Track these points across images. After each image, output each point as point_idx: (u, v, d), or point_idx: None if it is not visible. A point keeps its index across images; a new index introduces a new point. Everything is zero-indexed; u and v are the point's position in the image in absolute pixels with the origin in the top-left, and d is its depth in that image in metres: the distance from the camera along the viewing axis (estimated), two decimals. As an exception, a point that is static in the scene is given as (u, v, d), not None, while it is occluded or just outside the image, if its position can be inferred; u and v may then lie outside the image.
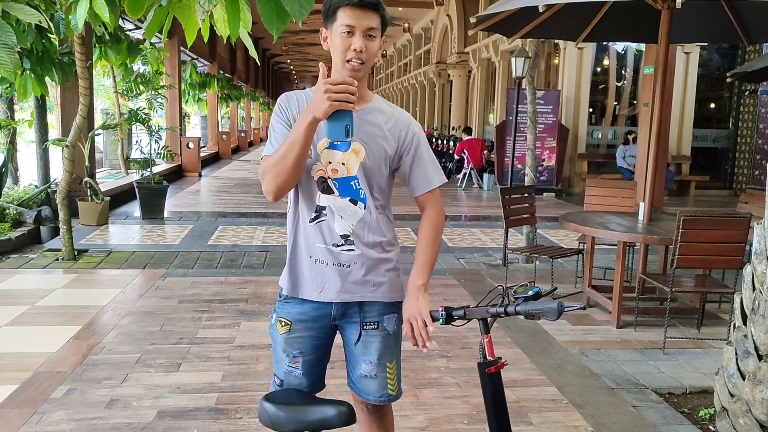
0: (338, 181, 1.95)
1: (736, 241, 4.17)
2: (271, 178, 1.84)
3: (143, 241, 7.52)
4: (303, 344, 2.04)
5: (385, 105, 2.05)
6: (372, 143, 1.96)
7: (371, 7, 1.84)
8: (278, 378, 2.10)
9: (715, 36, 6.17)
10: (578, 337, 4.62)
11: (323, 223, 1.97)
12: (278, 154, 1.83)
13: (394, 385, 2.10)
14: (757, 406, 3.05)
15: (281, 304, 2.06)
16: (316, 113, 1.73)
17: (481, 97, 19.29)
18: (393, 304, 2.08)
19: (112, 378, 3.63)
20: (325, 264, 1.98)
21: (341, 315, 2.04)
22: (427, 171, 2.06)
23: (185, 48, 14.82)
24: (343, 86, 1.70)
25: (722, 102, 15.02)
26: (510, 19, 5.46)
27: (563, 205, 11.67)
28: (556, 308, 1.72)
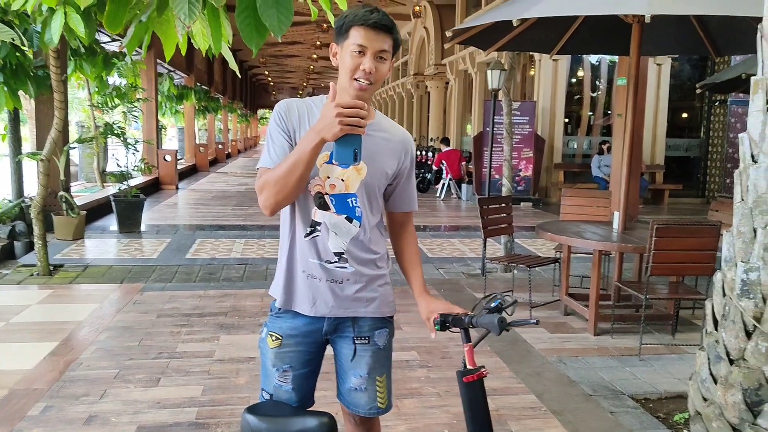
0: (335, 197, 1.94)
1: (707, 249, 4.27)
2: (271, 194, 1.83)
3: (120, 255, 7.46)
4: (293, 359, 2.03)
5: (385, 121, 2.05)
6: (374, 161, 1.95)
7: (385, 30, 1.83)
8: (267, 392, 2.08)
9: (685, 48, 6.33)
10: (556, 345, 4.68)
11: (317, 239, 1.96)
12: (281, 171, 1.80)
13: (384, 397, 2.10)
14: (729, 410, 3.12)
15: (273, 318, 2.06)
16: (325, 135, 1.71)
17: (458, 108, 19.46)
18: (384, 319, 2.09)
19: (90, 394, 3.60)
20: (318, 279, 1.98)
21: (333, 330, 2.04)
22: (413, 191, 2.14)
23: (162, 60, 14.79)
24: (354, 110, 1.69)
25: (693, 112, 15.32)
26: (485, 32, 5.55)
27: (540, 215, 11.80)
28: (496, 323, 1.75)
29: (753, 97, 3.16)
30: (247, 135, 45.66)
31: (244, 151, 39.07)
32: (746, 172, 3.19)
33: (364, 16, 1.82)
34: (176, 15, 2.21)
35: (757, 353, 3.03)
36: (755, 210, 3.10)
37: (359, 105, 1.70)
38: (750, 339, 3.08)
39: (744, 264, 3.11)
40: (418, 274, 2.14)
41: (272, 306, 2.07)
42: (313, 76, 44.32)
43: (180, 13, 2.19)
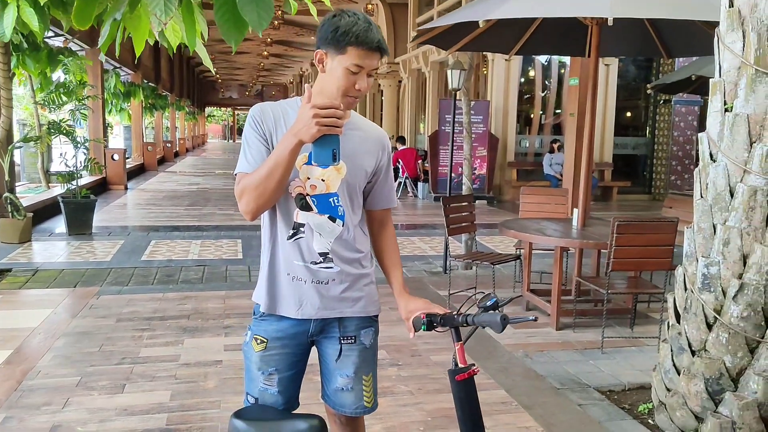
0: (317, 197, 1.94)
1: (665, 244, 4.41)
2: (251, 199, 1.82)
3: (72, 258, 7.21)
4: (279, 361, 2.01)
5: (361, 120, 2.06)
6: (353, 159, 1.96)
7: (381, 51, 1.84)
8: (251, 396, 2.06)
9: (638, 50, 6.52)
10: (521, 340, 4.76)
11: (301, 241, 1.95)
12: (260, 176, 1.79)
13: (370, 397, 2.11)
14: (692, 399, 3.24)
15: (257, 322, 2.03)
16: (302, 137, 1.71)
17: (411, 107, 19.56)
18: (370, 318, 2.10)
19: (51, 403, 3.47)
20: (303, 281, 1.96)
21: (319, 331, 2.04)
22: (392, 187, 2.15)
23: (109, 57, 14.36)
24: (330, 111, 1.69)
25: (639, 111, 15.80)
26: (447, 33, 5.60)
27: (495, 212, 11.97)
28: (498, 321, 1.75)
29: (711, 99, 3.28)
30: (195, 133, 44.84)
31: (192, 150, 38.33)
32: (705, 171, 3.31)
33: (366, 38, 1.79)
34: (152, 11, 2.15)
35: (718, 344, 3.16)
36: (714, 207, 3.22)
37: (335, 105, 1.71)
38: (711, 331, 3.21)
39: (705, 259, 3.23)
40: (398, 274, 2.15)
41: (255, 309, 2.05)
42: (263, 73, 43.87)
43: (156, 10, 2.14)
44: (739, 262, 3.09)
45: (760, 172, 3.01)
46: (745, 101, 3.06)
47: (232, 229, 9.41)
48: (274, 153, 1.78)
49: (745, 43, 3.06)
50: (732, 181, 3.13)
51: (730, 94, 3.17)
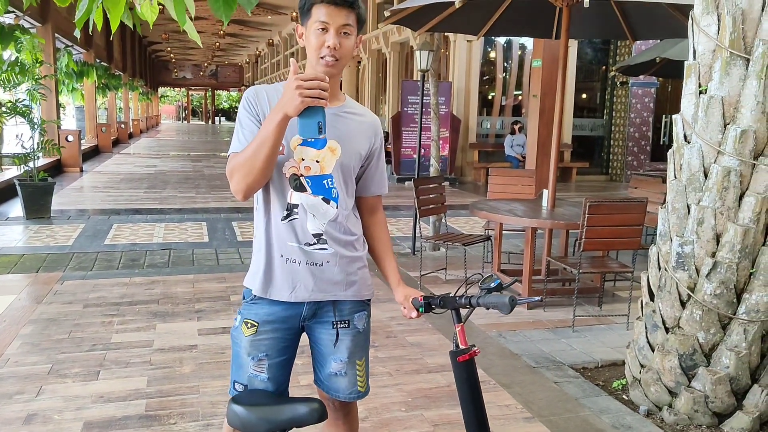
0: (311, 178, 1.92)
1: (635, 224, 4.52)
2: (241, 177, 1.80)
3: (31, 243, 6.99)
4: (270, 346, 1.99)
5: (356, 105, 2.06)
6: (348, 141, 1.95)
7: (346, 5, 1.83)
8: (240, 383, 2.02)
9: (605, 32, 6.61)
10: (494, 320, 4.82)
11: (295, 222, 1.93)
12: (248, 152, 1.78)
13: (363, 381, 2.11)
14: (666, 374, 3.34)
15: (248, 305, 2.00)
16: (287, 110, 1.70)
17: (371, 88, 19.46)
18: (363, 302, 2.09)
19: (24, 392, 3.37)
20: (297, 263, 1.94)
21: (312, 315, 2.02)
22: (384, 173, 2.15)
23: (61, 34, 13.85)
24: (314, 82, 1.68)
25: (596, 93, 16.06)
26: (417, 13, 5.57)
27: (458, 193, 12.06)
28: (507, 302, 1.76)
29: (686, 81, 3.35)
30: (149, 114, 43.75)
31: (146, 131, 37.41)
32: (680, 152, 3.39)
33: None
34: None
35: (692, 321, 3.26)
36: (689, 187, 3.30)
37: (320, 77, 1.69)
38: (684, 308, 3.31)
39: (679, 238, 3.32)
40: (393, 265, 2.16)
41: (246, 293, 2.02)
42: (218, 53, 42.96)
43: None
44: (713, 241, 3.19)
45: (733, 153, 3.10)
46: (720, 84, 3.14)
47: (195, 212, 9.24)
48: (261, 129, 1.77)
49: (720, 26, 3.13)
50: (706, 161, 3.21)
51: (704, 77, 3.24)
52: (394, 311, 4.92)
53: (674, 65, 7.96)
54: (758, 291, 3.14)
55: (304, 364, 3.85)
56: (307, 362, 3.95)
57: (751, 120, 3.07)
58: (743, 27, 3.08)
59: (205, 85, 56.23)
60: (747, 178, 3.13)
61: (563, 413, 3.34)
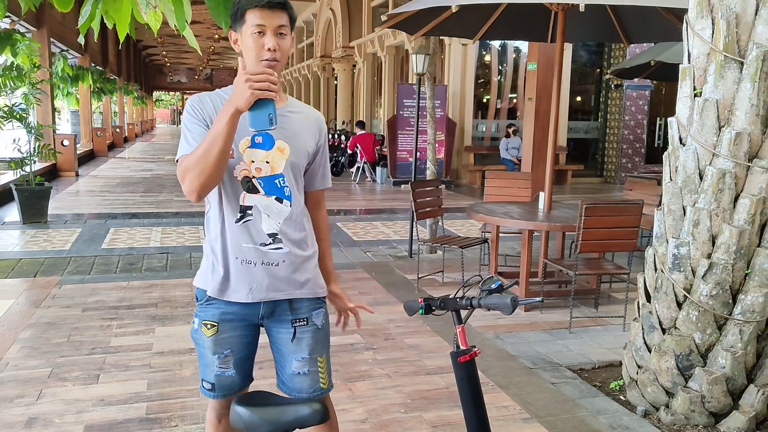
0: (263, 179, 1.96)
1: (631, 226, 4.55)
2: (194, 177, 1.80)
3: (28, 248, 6.98)
4: (233, 343, 2.03)
5: (299, 104, 2.10)
6: (295, 140, 2.00)
7: (279, 7, 1.85)
8: (208, 382, 2.07)
9: (599, 36, 6.65)
10: (491, 322, 4.85)
11: (250, 223, 1.96)
12: (200, 152, 1.79)
13: (325, 378, 2.13)
14: (663, 375, 3.37)
15: (204, 307, 2.03)
16: (238, 104, 1.73)
17: (367, 91, 19.50)
18: (319, 299, 2.12)
19: (25, 395, 3.38)
20: (253, 264, 1.97)
21: (269, 313, 2.04)
22: (328, 167, 2.22)
23: (56, 39, 13.85)
24: (263, 75, 1.72)
25: (591, 96, 16.13)
26: (413, 17, 5.60)
27: (454, 196, 12.09)
28: (509, 303, 1.79)
29: (681, 84, 3.38)
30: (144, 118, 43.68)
31: (141, 135, 37.37)
32: (675, 154, 3.42)
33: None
34: (141, -6, 2.09)
35: (688, 321, 3.29)
36: (684, 189, 3.34)
37: (268, 71, 1.73)
38: (681, 309, 3.34)
39: (675, 239, 3.35)
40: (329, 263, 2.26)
41: (199, 295, 2.04)
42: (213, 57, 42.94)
43: (145, -8, 2.08)
44: (708, 243, 3.23)
45: (728, 155, 3.13)
46: (714, 87, 3.18)
47: (192, 216, 9.24)
48: (213, 126, 1.80)
49: (714, 30, 3.17)
50: (701, 164, 3.25)
51: (699, 80, 3.27)
52: (391, 314, 4.94)
53: (668, 68, 8.01)
54: (753, 291, 3.17)
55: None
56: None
57: (746, 122, 3.10)
58: (737, 30, 3.12)
59: (200, 88, 56.10)
60: (742, 180, 3.17)
61: (561, 414, 3.36)
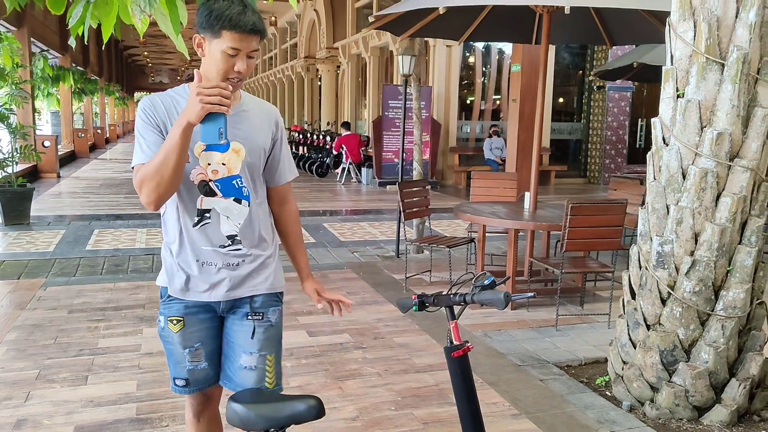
0: (220, 182, 1.96)
1: (615, 225, 4.62)
2: (151, 189, 1.80)
3: (11, 249, 6.91)
4: (201, 336, 2.05)
5: (252, 100, 2.08)
6: (250, 140, 1.99)
7: (257, 32, 1.83)
8: (181, 379, 2.08)
9: (583, 38, 6.75)
10: (479, 320, 4.89)
11: (208, 226, 1.97)
12: (155, 164, 1.79)
13: (272, 377, 2.11)
14: (648, 370, 3.44)
15: (167, 305, 2.05)
16: (189, 118, 1.72)
17: (351, 92, 19.51)
18: (277, 296, 2.14)
19: (12, 397, 3.37)
20: (213, 266, 1.99)
21: (229, 308, 2.07)
22: (289, 161, 2.18)
23: (36, 39, 13.70)
24: (215, 90, 1.71)
25: (574, 97, 16.28)
26: (400, 18, 5.64)
27: (440, 197, 12.14)
28: (502, 299, 1.83)
29: (664, 85, 3.45)
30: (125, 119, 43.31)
31: (123, 136, 37.05)
32: (658, 154, 3.49)
33: (239, 22, 1.79)
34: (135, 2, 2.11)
35: (672, 318, 3.36)
36: (668, 188, 3.40)
37: (221, 85, 1.72)
38: (665, 305, 3.41)
39: (659, 237, 3.42)
40: (304, 260, 2.27)
41: (163, 293, 2.06)
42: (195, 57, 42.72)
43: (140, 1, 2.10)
44: (691, 240, 3.29)
45: (710, 155, 3.20)
46: (697, 88, 3.25)
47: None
48: (167, 139, 1.79)
49: (696, 32, 3.23)
50: (684, 163, 3.32)
51: (681, 81, 3.34)
52: (380, 313, 4.97)
53: (651, 70, 8.14)
54: (735, 288, 3.25)
55: (293, 366, 3.89)
56: (296, 363, 3.99)
57: (727, 123, 3.18)
58: (718, 33, 3.19)
59: (182, 89, 55.72)
60: (723, 179, 3.24)
61: (549, 410, 3.41)
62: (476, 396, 2.00)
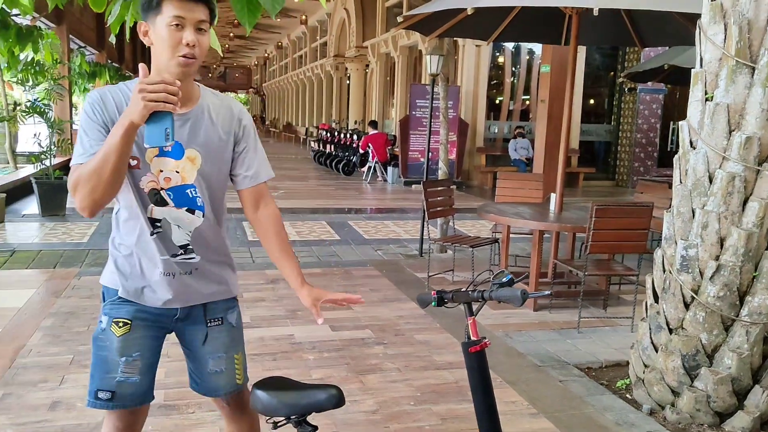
0: (172, 191, 1.84)
1: (641, 228, 4.61)
2: (86, 193, 1.65)
3: (48, 240, 7.12)
4: (143, 345, 1.93)
5: (212, 96, 1.94)
6: (208, 147, 1.87)
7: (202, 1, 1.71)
8: (106, 391, 1.90)
9: (613, 39, 6.71)
10: (500, 321, 4.92)
11: (160, 235, 1.87)
12: (92, 166, 1.63)
13: (240, 374, 2.10)
14: (669, 374, 3.43)
15: (115, 306, 1.92)
16: (132, 117, 1.57)
17: (380, 91, 19.58)
18: (233, 299, 2.09)
19: (48, 380, 3.50)
20: (168, 275, 1.90)
21: (185, 316, 1.99)
22: (262, 160, 2.01)
23: (75, 36, 14.03)
24: (160, 86, 1.55)
25: (604, 99, 16.12)
26: (429, 18, 5.67)
27: (465, 197, 12.15)
28: (519, 296, 1.86)
29: (693, 88, 3.44)
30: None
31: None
32: (685, 157, 3.48)
33: None
34: None
35: (695, 322, 3.35)
36: (694, 192, 3.39)
37: (167, 81, 1.57)
38: (688, 309, 3.39)
39: (684, 241, 3.41)
40: (292, 264, 2.01)
41: (109, 294, 1.94)
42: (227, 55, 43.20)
43: None
44: (717, 245, 3.28)
45: (738, 159, 3.19)
46: (726, 91, 3.23)
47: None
48: (107, 139, 1.63)
49: (726, 35, 3.22)
50: (711, 167, 3.31)
51: (710, 84, 3.33)
52: (401, 310, 5.02)
53: (682, 72, 8.04)
54: (761, 294, 3.23)
55: (315, 359, 3.96)
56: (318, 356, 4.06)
57: (756, 127, 3.16)
58: (749, 36, 3.17)
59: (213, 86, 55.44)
60: (751, 183, 3.22)
61: (568, 410, 3.43)
62: (492, 392, 2.04)
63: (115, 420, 1.97)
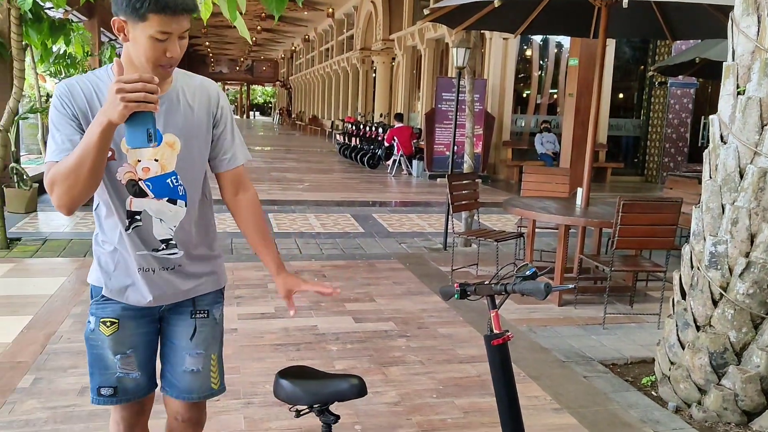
0: (152, 181, 1.76)
1: (669, 224, 4.54)
2: (63, 191, 1.59)
3: (78, 229, 7.26)
4: (135, 340, 1.90)
5: (185, 77, 1.85)
6: (187, 131, 1.79)
7: (187, 11, 1.62)
8: (108, 388, 1.89)
9: (643, 32, 6.61)
10: (524, 315, 4.89)
11: (140, 229, 1.79)
12: (70, 164, 1.55)
13: (216, 378, 2.04)
14: (696, 372, 3.39)
15: (100, 305, 1.88)
16: (111, 117, 1.47)
17: (405, 84, 19.55)
18: (220, 292, 2.06)
19: (78, 366, 3.57)
20: (150, 271, 1.84)
21: (170, 308, 1.95)
22: (239, 142, 1.96)
23: (105, 29, 14.22)
24: (139, 84, 1.45)
25: (634, 93, 15.89)
26: (456, 11, 5.65)
27: (490, 191, 12.09)
28: (542, 289, 1.84)
29: (724, 82, 3.38)
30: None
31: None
32: (715, 152, 3.42)
33: (167, 2, 1.57)
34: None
35: (723, 320, 3.30)
36: (724, 187, 3.34)
37: (145, 79, 1.47)
38: (716, 307, 3.35)
39: (713, 237, 3.36)
40: (270, 251, 1.99)
41: (95, 292, 1.90)
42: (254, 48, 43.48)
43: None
44: (747, 241, 3.22)
45: (769, 154, 3.12)
46: (758, 85, 3.17)
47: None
48: (84, 137, 1.55)
49: (759, 27, 3.16)
50: (742, 162, 3.25)
51: (743, 78, 3.27)
52: (425, 304, 5.03)
53: (714, 66, 7.89)
54: (791, 291, 3.17)
55: (339, 350, 3.98)
56: (341, 348, 4.08)
57: (789, 122, 3.09)
58: (783, 29, 3.10)
59: (240, 79, 56.96)
60: (783, 179, 3.16)
61: (592, 406, 3.41)
62: (514, 385, 2.03)
63: (121, 410, 1.97)
